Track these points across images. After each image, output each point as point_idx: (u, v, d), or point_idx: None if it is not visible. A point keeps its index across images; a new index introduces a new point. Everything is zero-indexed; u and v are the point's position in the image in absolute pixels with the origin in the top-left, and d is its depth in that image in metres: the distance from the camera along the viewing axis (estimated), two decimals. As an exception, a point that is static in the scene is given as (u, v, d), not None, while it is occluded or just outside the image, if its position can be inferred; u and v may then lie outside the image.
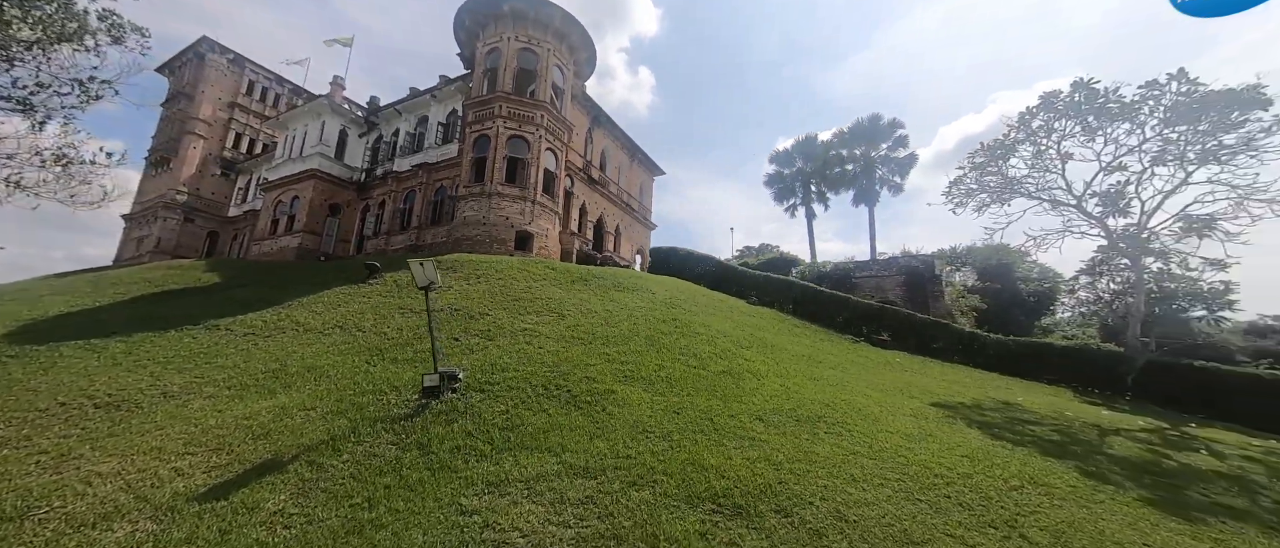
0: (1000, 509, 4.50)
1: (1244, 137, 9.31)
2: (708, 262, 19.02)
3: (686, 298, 13.49)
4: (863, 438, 5.88)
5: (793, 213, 34.30)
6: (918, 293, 19.01)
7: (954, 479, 5.01)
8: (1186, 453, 6.76)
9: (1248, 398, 11.32)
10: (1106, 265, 12.29)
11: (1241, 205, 9.44)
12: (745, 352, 9.55)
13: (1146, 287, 11.65)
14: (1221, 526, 4.64)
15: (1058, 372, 13.32)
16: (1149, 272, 11.59)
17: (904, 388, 9.39)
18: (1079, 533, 4.24)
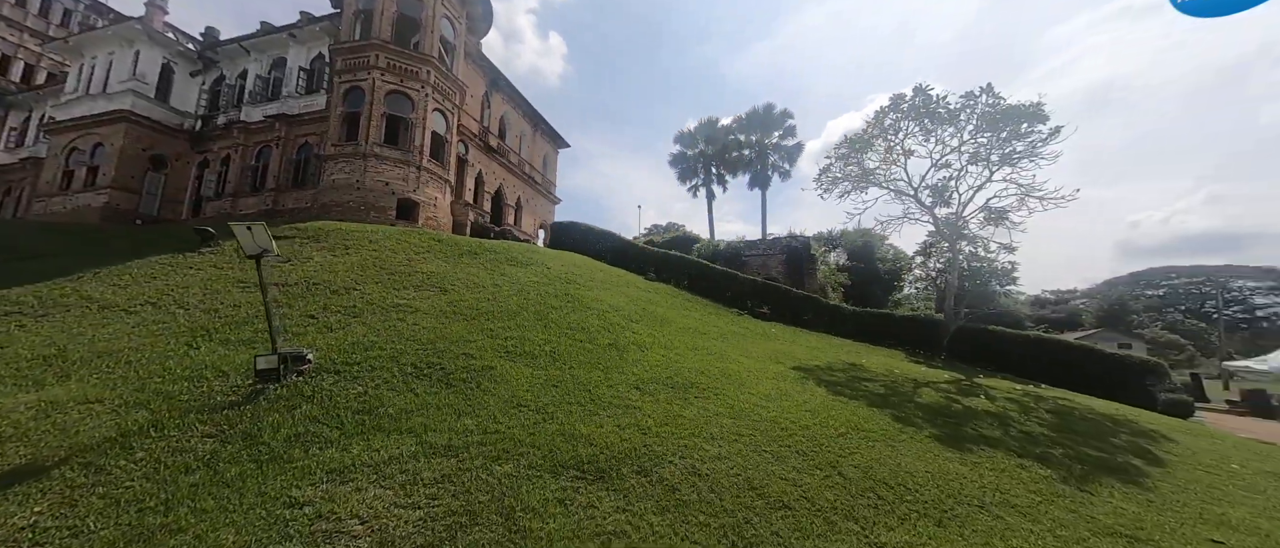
0: (826, 453, 5.22)
1: (1029, 145, 11.63)
2: (608, 238, 19.11)
3: (583, 273, 13.46)
4: (727, 401, 6.42)
5: (695, 193, 35.79)
6: (796, 270, 21.12)
7: (795, 431, 5.70)
8: (970, 399, 8.47)
9: (1022, 354, 14.51)
10: (934, 248, 14.81)
11: (1024, 201, 11.87)
12: (634, 325, 9.84)
13: (960, 266, 14.19)
14: (980, 451, 5.90)
15: (897, 337, 15.79)
16: (963, 253, 14.12)
17: (774, 355, 10.41)
18: (882, 466, 5.10)
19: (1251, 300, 73.75)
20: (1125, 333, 54.73)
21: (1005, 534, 4.17)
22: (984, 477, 5.24)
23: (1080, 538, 4.27)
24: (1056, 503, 4.87)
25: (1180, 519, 4.80)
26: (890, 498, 4.56)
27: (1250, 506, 5.25)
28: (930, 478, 5.03)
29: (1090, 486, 5.40)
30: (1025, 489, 5.10)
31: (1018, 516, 4.53)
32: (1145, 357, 13.31)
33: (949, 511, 4.46)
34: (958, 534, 4.11)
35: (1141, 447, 6.87)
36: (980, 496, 4.81)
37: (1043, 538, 4.17)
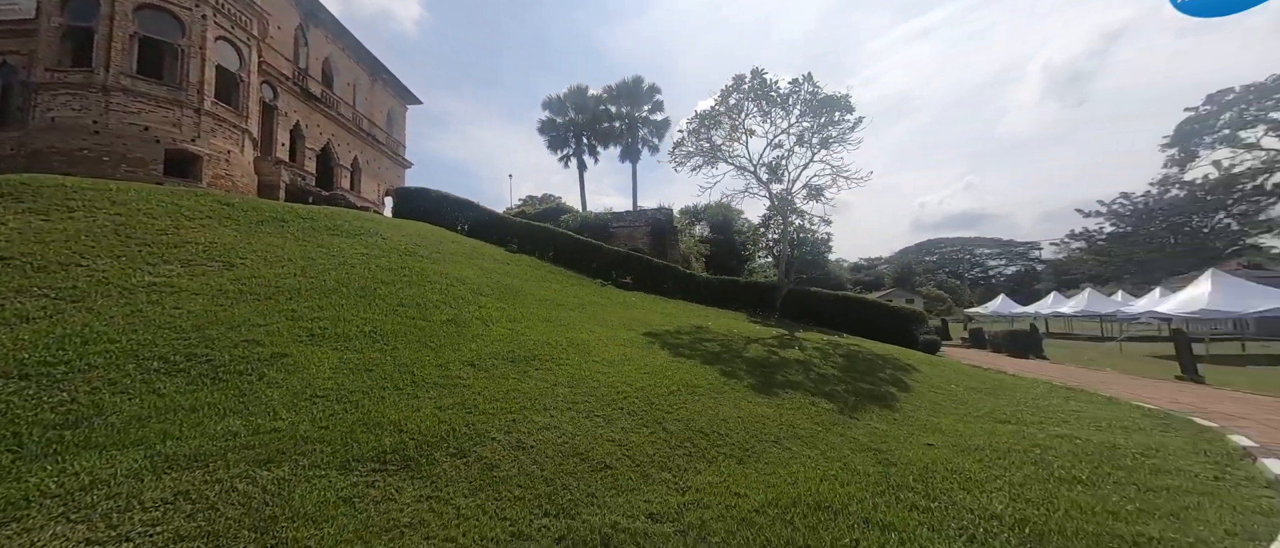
0: (656, 411, 5.53)
1: (841, 131, 13.65)
2: (466, 207, 17.61)
3: (431, 245, 12.19)
4: (568, 370, 6.40)
5: (567, 163, 35.00)
6: (660, 241, 22.15)
7: (631, 394, 5.93)
8: (787, 350, 9.85)
9: (832, 310, 17.43)
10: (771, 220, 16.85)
11: (835, 180, 14.01)
12: (483, 299, 9.25)
13: (790, 236, 16.31)
14: (785, 395, 6.85)
15: (743, 301, 17.69)
16: (793, 225, 16.22)
17: (629, 322, 10.76)
18: (702, 417, 5.58)
19: (987, 264, 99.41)
20: (911, 290, 69.90)
21: (789, 462, 4.88)
22: (783, 415, 6.10)
23: (843, 456, 5.20)
24: (832, 430, 5.89)
25: (910, 431, 6.18)
26: (704, 445, 5.01)
27: (955, 415, 7.01)
28: (741, 422, 5.67)
29: (858, 413, 6.65)
30: (811, 422, 6.06)
31: (802, 444, 5.35)
32: (912, 308, 17.07)
33: (750, 449, 5.07)
34: (753, 468, 4.68)
35: (898, 378, 8.73)
36: (777, 432, 5.57)
37: (816, 460, 4.98)
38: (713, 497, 4.01)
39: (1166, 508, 3.67)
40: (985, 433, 6.10)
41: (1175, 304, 16.42)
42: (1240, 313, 14.56)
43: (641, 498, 3.93)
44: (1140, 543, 3.16)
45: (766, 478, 4.48)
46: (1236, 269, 31.50)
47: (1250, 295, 14.84)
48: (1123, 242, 52.91)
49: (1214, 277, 15.72)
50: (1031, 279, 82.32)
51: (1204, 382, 9.37)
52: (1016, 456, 5.20)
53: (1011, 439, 5.81)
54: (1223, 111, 30.74)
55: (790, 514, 3.77)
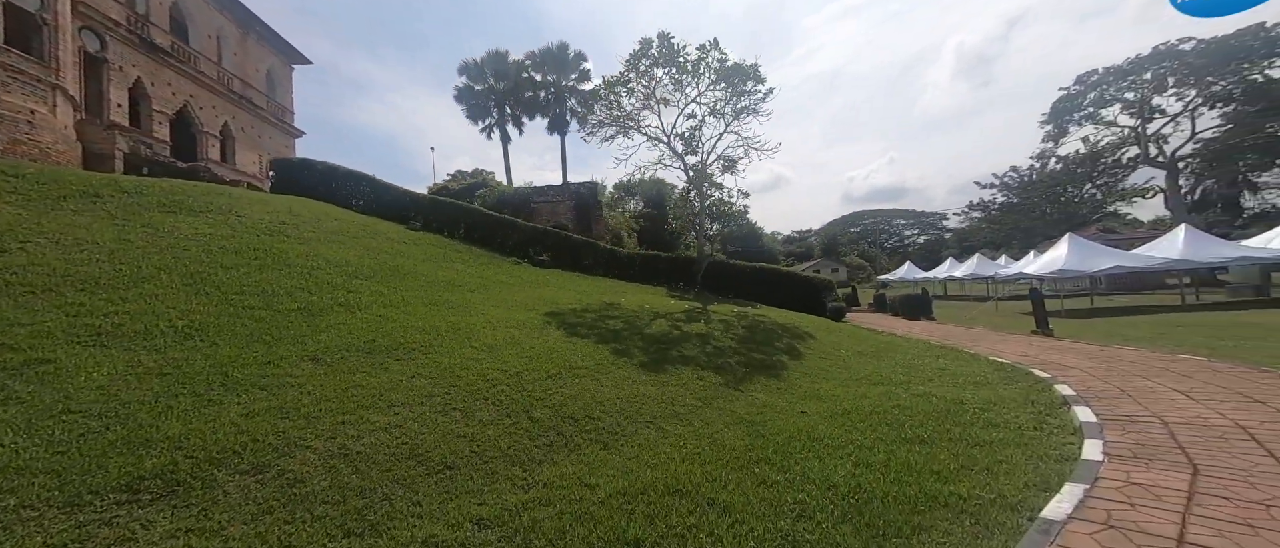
0: (526, 398, 5.14)
1: (753, 102, 13.62)
2: (361, 181, 15.89)
3: (305, 223, 10.80)
4: (437, 359, 5.82)
5: (489, 134, 32.88)
6: (584, 216, 21.51)
7: (503, 380, 5.49)
8: (692, 324, 9.82)
9: (750, 281, 17.90)
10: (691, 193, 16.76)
11: (748, 152, 14.06)
12: (359, 283, 8.30)
13: (709, 208, 16.35)
14: (674, 370, 6.73)
15: (665, 275, 17.66)
16: (711, 197, 16.25)
17: (533, 302, 10.22)
18: (577, 401, 5.27)
19: (903, 234, 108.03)
20: (836, 260, 74.64)
21: (658, 443, 4.70)
22: (667, 393, 5.95)
23: (715, 432, 5.12)
24: (712, 405, 5.83)
25: (790, 400, 6.28)
26: (571, 432, 4.71)
27: (835, 379, 7.27)
28: (619, 404, 5.43)
29: (744, 384, 6.68)
30: (694, 397, 5.97)
31: (677, 423, 5.22)
32: (822, 277, 17.93)
33: (622, 432, 4.84)
34: (619, 453, 4.45)
35: (793, 346, 8.98)
36: (655, 411, 5.39)
37: (687, 439, 4.84)
38: (559, 491, 3.72)
39: (985, 463, 3.85)
40: (857, 396, 6.34)
41: (1039, 265, 18.65)
42: (1088, 271, 16.78)
43: (476, 501, 3.55)
44: (951, 503, 3.24)
45: (628, 463, 4.26)
46: (1094, 233, 36.35)
47: (1097, 255, 17.16)
48: (1012, 211, 59.22)
49: (1070, 240, 17.98)
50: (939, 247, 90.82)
51: (1053, 335, 10.57)
52: (876, 418, 5.39)
53: (878, 401, 6.06)
54: (1089, 91, 34.86)
55: (635, 504, 3.57)
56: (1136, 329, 11.25)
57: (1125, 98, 33.31)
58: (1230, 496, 2.69)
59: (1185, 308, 15.44)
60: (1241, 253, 15.87)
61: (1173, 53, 30.97)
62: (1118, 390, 5.39)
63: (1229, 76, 29.83)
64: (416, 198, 16.30)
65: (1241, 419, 4.06)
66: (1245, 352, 7.76)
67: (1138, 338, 10.00)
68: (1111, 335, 10.58)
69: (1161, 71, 31.23)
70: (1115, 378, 6.08)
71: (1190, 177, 45.67)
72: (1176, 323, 11.86)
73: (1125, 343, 9.52)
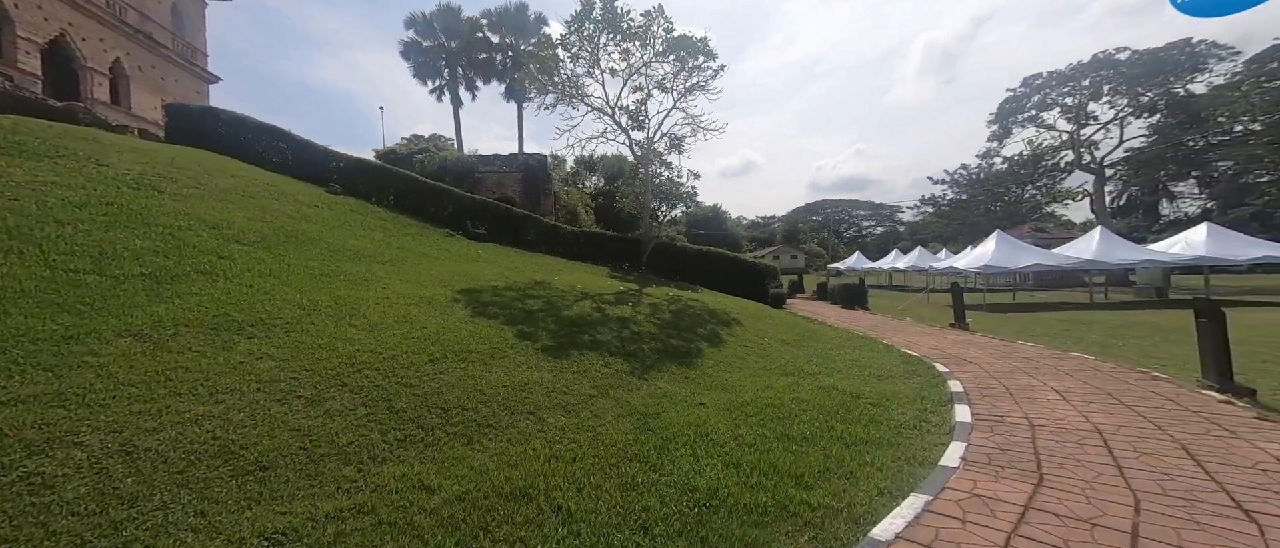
0: (393, 385, 4.64)
1: (702, 79, 13.14)
2: (276, 136, 14.39)
3: (189, 178, 9.61)
4: (300, 338, 5.20)
5: (439, 96, 30.87)
6: (533, 190, 20.62)
7: (372, 364, 4.95)
8: (619, 307, 9.49)
9: (697, 265, 17.73)
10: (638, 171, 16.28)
11: (696, 131, 13.65)
12: (234, 247, 7.42)
13: (656, 187, 15.95)
14: (579, 356, 6.37)
15: (610, 255, 17.21)
16: (660, 177, 15.83)
17: (453, 278, 9.56)
18: (455, 389, 4.82)
19: (862, 224, 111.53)
20: (796, 247, 76.43)
21: (531, 437, 4.34)
22: (560, 381, 5.58)
23: (602, 424, 4.81)
24: (609, 395, 5.52)
25: (694, 390, 6.07)
26: (434, 424, 4.27)
27: (748, 369, 7.13)
28: (504, 392, 5.02)
29: (652, 373, 6.42)
30: (591, 385, 5.64)
31: (562, 414, 4.87)
32: (767, 264, 18.01)
33: (494, 424, 4.44)
34: (481, 448, 4.06)
35: (716, 333, 8.81)
36: (541, 401, 5.02)
37: (566, 432, 4.50)
38: (390, 496, 3.30)
39: (851, 465, 3.71)
40: (762, 388, 6.20)
41: (969, 260, 19.54)
42: (1011, 268, 17.69)
43: (280, 510, 3.07)
44: (799, 512, 3.05)
45: (487, 462, 3.87)
46: (1026, 232, 38.57)
47: (1021, 253, 18.11)
48: (961, 207, 62.00)
49: (998, 237, 18.88)
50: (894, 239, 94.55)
51: (968, 329, 10.96)
52: (771, 412, 5.24)
53: (781, 393, 5.93)
54: (1033, 94, 36.42)
55: (471, 511, 3.20)
56: (1044, 326, 11.85)
57: (1065, 103, 35.04)
58: (1062, 512, 2.60)
59: (1094, 306, 16.52)
60: (1146, 256, 17.11)
61: (1109, 62, 32.65)
62: (1003, 389, 5.47)
63: (1156, 88, 31.84)
64: (341, 159, 14.99)
65: (1103, 423, 4.11)
66: (1130, 351, 8.21)
67: (1042, 334, 10.49)
68: (1021, 331, 11.07)
69: (1098, 79, 32.94)
70: (1006, 375, 6.21)
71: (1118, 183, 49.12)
72: (1081, 321, 12.60)
73: (1029, 339, 9.95)
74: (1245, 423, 4.02)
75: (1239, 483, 2.95)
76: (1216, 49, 31.35)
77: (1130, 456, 3.35)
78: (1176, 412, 4.35)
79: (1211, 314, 5.38)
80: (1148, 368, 6.72)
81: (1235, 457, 3.36)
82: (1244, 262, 16.61)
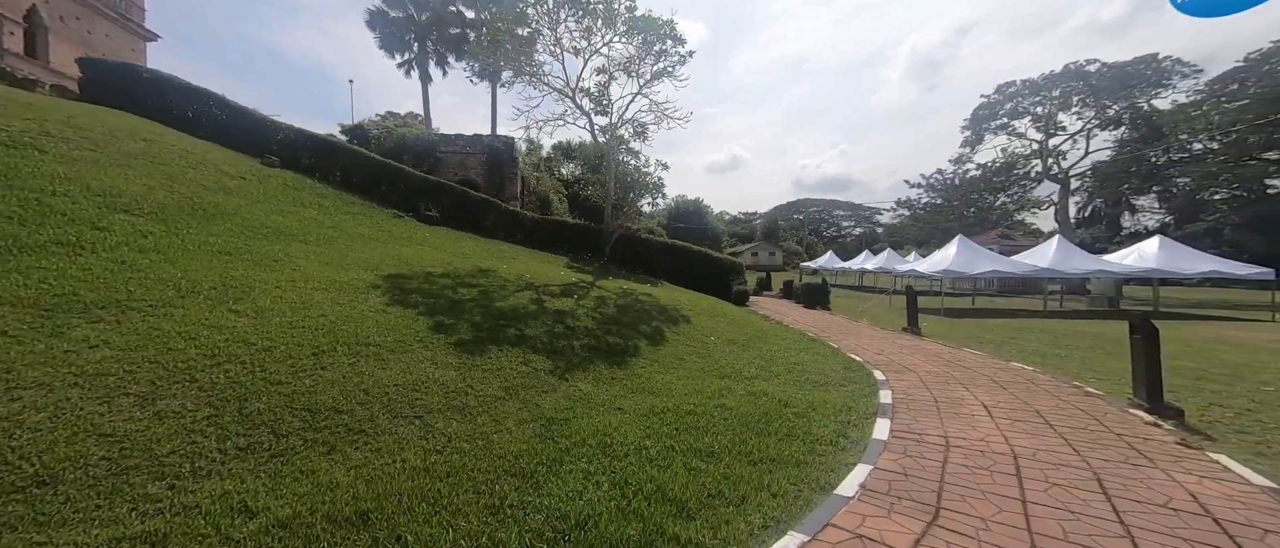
0: (257, 381, 4.10)
1: (669, 63, 12.62)
2: (207, 100, 13.29)
3: (86, 139, 8.69)
4: (159, 324, 4.58)
5: (407, 71, 29.38)
6: (497, 173, 19.83)
7: (239, 357, 4.38)
8: (562, 299, 9.02)
9: (663, 259, 17.31)
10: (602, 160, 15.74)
11: (661, 119, 13.15)
12: (116, 217, 6.68)
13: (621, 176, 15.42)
14: (498, 352, 5.88)
15: (570, 244, 16.65)
16: (627, 166, 15.29)
17: (383, 263, 8.90)
18: (333, 388, 4.30)
19: (841, 224, 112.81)
20: (774, 244, 76.84)
21: (408, 446, 3.86)
22: (466, 380, 5.10)
23: (501, 431, 4.35)
24: (518, 396, 5.05)
25: (617, 393, 5.65)
26: (292, 430, 3.75)
27: (683, 370, 6.74)
28: (396, 392, 4.52)
29: (574, 372, 5.97)
30: (500, 386, 5.16)
31: (456, 418, 4.39)
32: (733, 260, 17.73)
33: (369, 430, 3.94)
34: (342, 459, 3.56)
35: (660, 331, 8.41)
36: (436, 403, 4.53)
37: (455, 439, 4.04)
38: (193, 521, 2.78)
39: (745, 489, 3.35)
40: (691, 392, 5.82)
41: (929, 264, 19.66)
42: (969, 273, 17.84)
43: (38, 539, 2.54)
44: None
45: (341, 476, 3.37)
46: (992, 239, 39.38)
47: (979, 258, 18.25)
48: (935, 211, 63.06)
49: (959, 242, 19.00)
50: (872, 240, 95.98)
51: (919, 334, 10.86)
52: (691, 420, 4.86)
53: (708, 399, 5.56)
54: (1006, 102, 36.99)
55: (292, 541, 2.72)
56: (994, 332, 11.86)
57: (1036, 111, 35.68)
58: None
59: (1046, 314, 16.78)
60: (1100, 266, 17.46)
61: (1080, 73, 33.29)
62: (932, 401, 5.22)
63: (1122, 102, 32.65)
64: (283, 130, 13.98)
65: (1022, 445, 3.86)
66: (1070, 363, 8.15)
67: (990, 341, 10.45)
68: (970, 337, 11.02)
69: (1068, 90, 33.59)
70: (940, 385, 5.99)
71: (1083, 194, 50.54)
72: (1031, 328, 12.69)
73: (976, 346, 9.87)
74: (1167, 450, 3.82)
75: (1146, 526, 2.69)
76: (1181, 66, 32.25)
77: (1039, 488, 3.08)
78: (1100, 434, 4.14)
79: (1145, 330, 5.21)
80: (1084, 381, 6.61)
81: (1149, 491, 3.13)
82: (1194, 275, 17.08)
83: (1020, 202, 46.97)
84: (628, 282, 13.19)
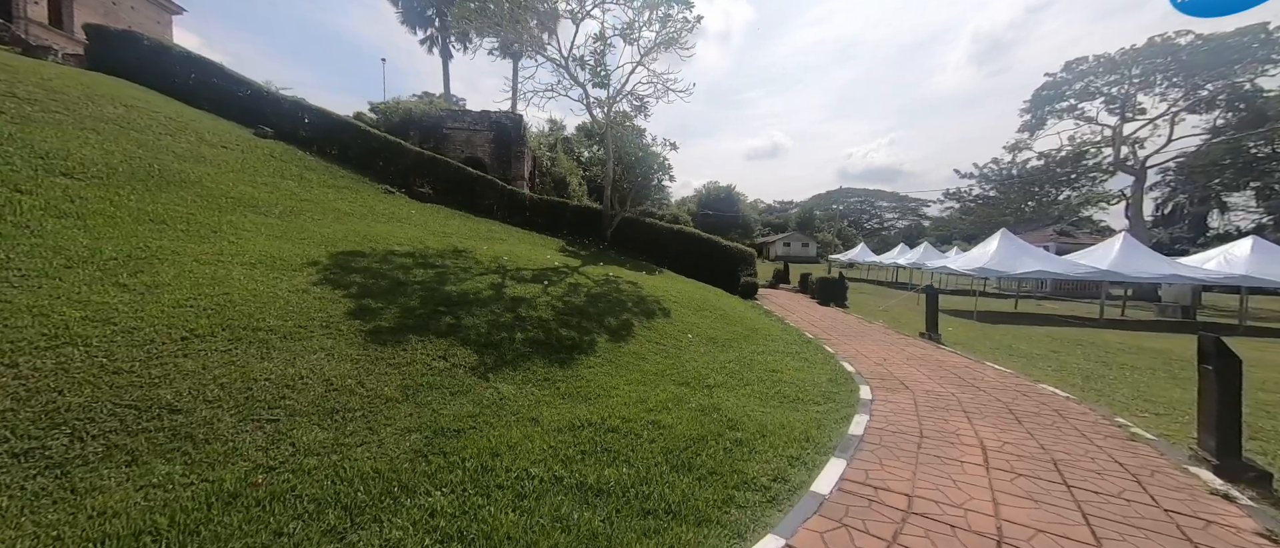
0: (84, 370, 3.57)
1: (675, 30, 11.49)
2: (207, 70, 13.23)
3: (59, 103, 8.59)
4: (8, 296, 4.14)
5: (429, 48, 29.22)
6: (504, 151, 19.25)
7: (85, 338, 3.89)
8: (530, 285, 8.28)
9: (672, 245, 16.29)
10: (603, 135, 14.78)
11: (664, 91, 12.07)
12: (57, 181, 6.42)
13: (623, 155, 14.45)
14: (414, 345, 5.19)
15: (571, 227, 15.91)
16: (632, 145, 14.30)
17: (342, 238, 8.40)
18: (181, 381, 3.73)
19: (884, 216, 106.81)
20: (809, 235, 73.68)
21: (231, 459, 3.22)
22: (361, 375, 4.44)
23: (372, 441, 3.67)
24: (417, 398, 4.35)
25: (541, 397, 4.86)
26: (102, 431, 3.20)
27: (641, 372, 5.86)
28: (263, 389, 3.90)
29: (504, 371, 5.23)
30: (399, 384, 4.48)
31: (318, 424, 3.73)
32: (742, 248, 16.46)
33: (202, 435, 3.33)
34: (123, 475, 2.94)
35: (628, 324, 7.54)
36: (304, 403, 3.88)
37: (299, 452, 3.38)
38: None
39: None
40: (631, 402, 4.96)
41: (965, 260, 17.57)
42: (1010, 273, 15.73)
43: None
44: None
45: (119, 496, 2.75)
46: (1050, 237, 35.73)
47: (1023, 256, 15.98)
48: (988, 204, 58.26)
49: (1002, 237, 16.76)
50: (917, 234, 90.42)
51: (938, 341, 9.46)
52: (611, 439, 4.03)
53: (646, 411, 4.69)
54: (1075, 81, 32.66)
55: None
56: (1030, 343, 10.24)
57: (1110, 92, 31.49)
58: None
59: (1102, 323, 14.67)
60: (1172, 270, 15.03)
61: (1168, 47, 28.91)
62: (916, 434, 4.13)
63: (1218, 80, 28.19)
64: (281, 101, 13.82)
65: (1015, 521, 2.76)
66: (1119, 388, 6.69)
67: (1022, 354, 8.95)
68: (1000, 347, 9.52)
69: (1151, 67, 29.29)
70: (937, 411, 4.85)
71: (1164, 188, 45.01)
72: (1079, 341, 10.93)
73: (1005, 359, 8.44)
74: (1240, 544, 2.63)
75: None
76: (1298, 39, 27.41)
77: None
78: (1140, 508, 2.97)
79: (1221, 358, 3.90)
80: (1132, 417, 5.26)
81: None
82: (1291, 285, 14.47)
83: (1087, 195, 42.28)
84: (621, 269, 12.33)
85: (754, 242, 69.01)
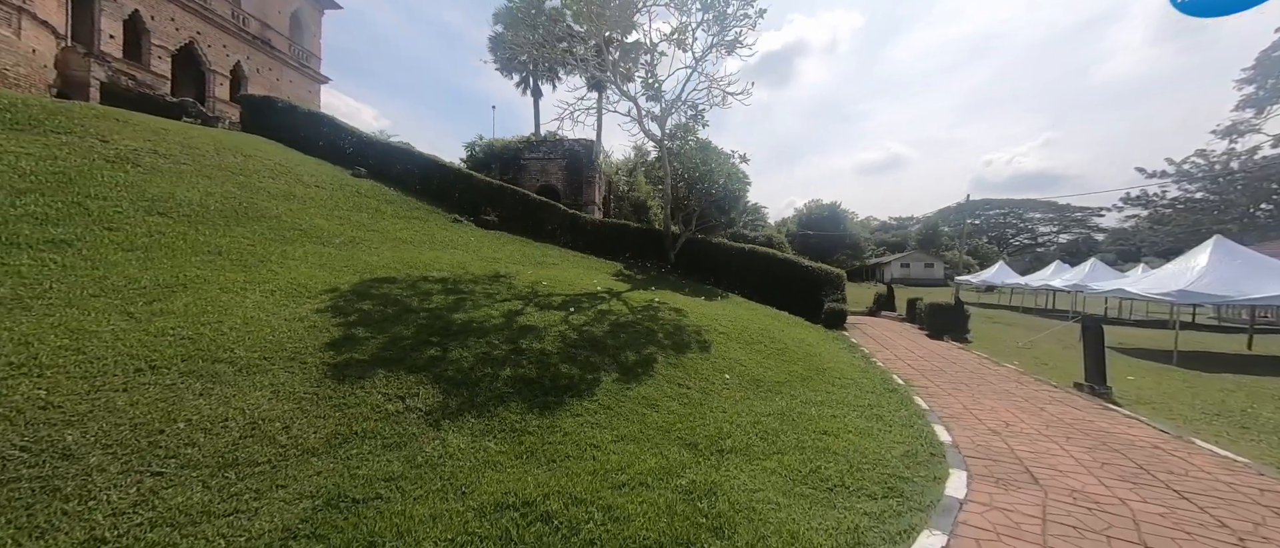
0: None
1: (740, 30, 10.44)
2: (320, 123, 15.35)
3: (188, 156, 10.19)
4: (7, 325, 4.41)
5: (524, 89, 31.54)
6: (576, 178, 19.45)
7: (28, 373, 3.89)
8: (553, 313, 7.52)
9: (740, 266, 14.64)
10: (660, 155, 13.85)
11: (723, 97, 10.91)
12: (153, 220, 7.32)
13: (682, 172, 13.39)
14: (380, 378, 4.66)
15: (633, 249, 15.17)
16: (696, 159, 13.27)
17: (381, 266, 8.55)
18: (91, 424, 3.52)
19: (1038, 230, 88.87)
20: (933, 254, 64.27)
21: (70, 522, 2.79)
22: (296, 417, 3.97)
23: (257, 508, 3.07)
24: (341, 452, 3.73)
25: (487, 459, 3.92)
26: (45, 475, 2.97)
27: (640, 425, 4.65)
28: (177, 432, 3.58)
29: (464, 418, 4.43)
30: (331, 430, 3.91)
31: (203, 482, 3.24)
32: (828, 269, 14.09)
33: (70, 491, 2.99)
34: None
35: (650, 360, 6.34)
36: (209, 453, 3.46)
37: (164, 520, 2.86)
38: None
39: None
40: (604, 472, 3.79)
41: (1154, 281, 12.55)
42: (1234, 298, 10.67)
43: None
44: None
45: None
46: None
47: (1257, 274, 10.60)
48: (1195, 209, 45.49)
49: (1216, 247, 11.51)
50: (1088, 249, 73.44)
51: (1106, 397, 6.48)
52: (537, 534, 2.94)
53: (610, 491, 3.51)
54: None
55: None
56: (1276, 408, 6.58)
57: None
58: None
59: None
60: None
61: None
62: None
63: None
64: (369, 144, 15.45)
65: None
66: None
67: (1257, 423, 5.67)
68: (1214, 412, 6.22)
69: None
70: (1089, 540, 2.81)
71: None
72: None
73: (1227, 433, 5.39)
74: None
75: None
76: None
77: None
78: None
79: None
80: None
81: None
82: None
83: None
84: (674, 294, 11.12)
85: (865, 263, 61.76)
